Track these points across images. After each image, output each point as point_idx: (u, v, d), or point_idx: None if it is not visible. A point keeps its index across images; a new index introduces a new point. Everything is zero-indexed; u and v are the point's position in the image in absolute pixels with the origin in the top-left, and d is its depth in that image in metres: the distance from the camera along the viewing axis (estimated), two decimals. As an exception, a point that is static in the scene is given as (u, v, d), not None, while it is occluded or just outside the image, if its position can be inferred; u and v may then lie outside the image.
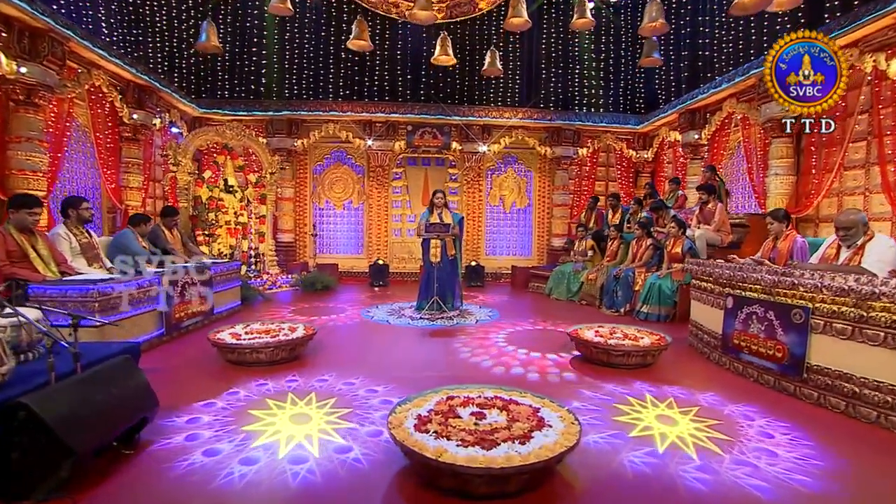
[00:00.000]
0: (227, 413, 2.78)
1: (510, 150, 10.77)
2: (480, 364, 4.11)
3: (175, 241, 5.84)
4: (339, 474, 2.13)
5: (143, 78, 7.53)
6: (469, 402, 2.30)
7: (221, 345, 3.75)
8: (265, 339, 3.91)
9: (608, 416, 2.83)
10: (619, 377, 3.62)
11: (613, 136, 10.81)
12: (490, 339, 5.05)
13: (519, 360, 4.20)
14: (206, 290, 5.38)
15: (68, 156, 7.02)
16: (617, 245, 7.70)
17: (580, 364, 4.05)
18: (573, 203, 11.02)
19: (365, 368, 3.83)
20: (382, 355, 4.38)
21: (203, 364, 3.90)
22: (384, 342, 4.87)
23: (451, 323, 5.85)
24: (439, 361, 4.19)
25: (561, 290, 8.20)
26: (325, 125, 9.83)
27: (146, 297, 4.19)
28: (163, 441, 2.40)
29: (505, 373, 3.85)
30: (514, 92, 10.94)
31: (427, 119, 10.08)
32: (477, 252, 10.74)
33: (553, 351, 4.50)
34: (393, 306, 7.01)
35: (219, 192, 8.18)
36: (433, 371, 3.86)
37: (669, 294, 6.07)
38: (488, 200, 11.01)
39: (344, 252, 10.66)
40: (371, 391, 3.27)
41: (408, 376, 3.65)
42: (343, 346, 4.60)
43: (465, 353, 4.42)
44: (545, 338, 5.16)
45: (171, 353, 4.26)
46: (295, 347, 3.92)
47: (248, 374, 3.59)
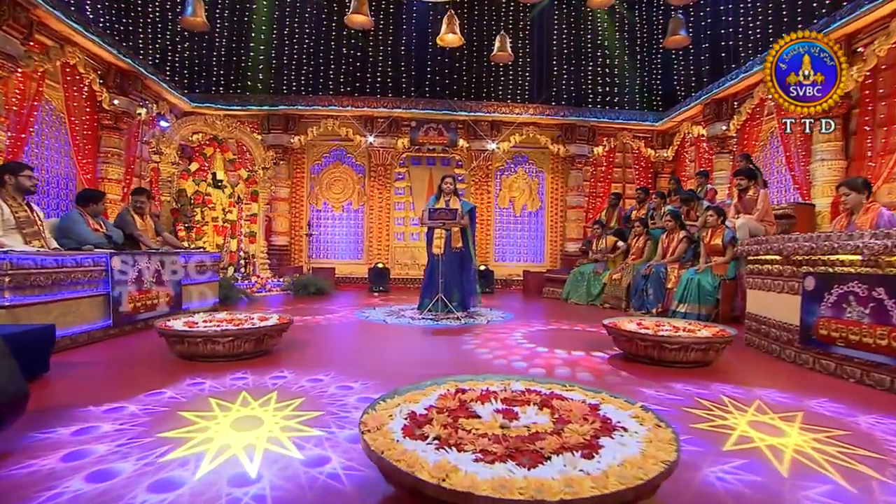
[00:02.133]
0: (140, 420, 1.98)
1: (521, 148, 10.09)
2: (496, 361, 3.31)
3: (147, 229, 5.12)
4: (304, 499, 1.35)
5: (126, 61, 6.95)
6: (490, 396, 1.51)
7: (168, 333, 2.99)
8: (224, 326, 3.13)
9: (682, 421, 2.02)
10: (675, 376, 2.81)
11: (630, 133, 10.12)
12: (506, 336, 4.25)
13: (543, 357, 3.39)
14: (171, 279, 4.65)
15: (39, 141, 6.41)
16: (643, 241, 6.92)
17: (623, 363, 3.24)
18: (588, 205, 10.27)
19: (344, 364, 3.05)
20: (371, 352, 3.60)
21: (145, 360, 3.14)
22: (376, 339, 4.09)
23: (459, 323, 5.05)
24: (443, 358, 3.40)
25: (580, 294, 7.39)
26: (323, 121, 9.22)
27: (87, 279, 3.45)
28: (26, 462, 1.60)
29: (529, 370, 3.05)
30: (525, 87, 10.33)
31: (432, 115, 9.45)
32: (486, 257, 9.97)
33: (585, 350, 3.70)
34: (392, 308, 6.23)
35: (206, 186, 7.52)
36: (435, 368, 3.08)
37: (710, 291, 5.25)
38: (497, 203, 10.28)
39: (342, 257, 9.91)
40: (345, 388, 2.48)
41: (399, 372, 2.87)
42: (325, 342, 3.83)
43: (478, 350, 3.62)
44: (573, 337, 4.36)
45: (114, 348, 3.49)
46: (262, 339, 3.14)
47: (196, 371, 2.80)
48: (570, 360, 3.37)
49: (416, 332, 4.52)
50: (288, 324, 3.38)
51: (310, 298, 7.31)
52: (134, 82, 7.25)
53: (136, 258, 4.12)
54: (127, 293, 3.94)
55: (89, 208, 4.56)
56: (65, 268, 3.21)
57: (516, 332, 4.56)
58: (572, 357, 3.45)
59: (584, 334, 4.45)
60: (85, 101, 6.79)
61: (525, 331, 4.60)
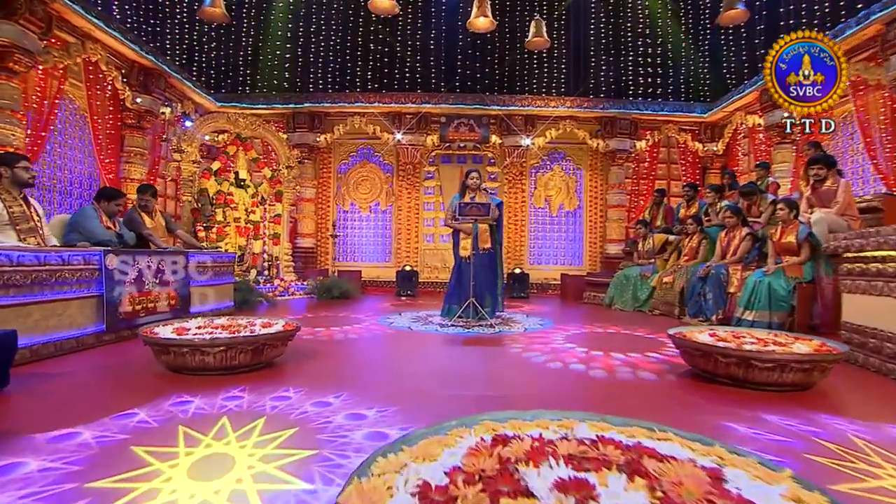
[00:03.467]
0: (82, 456, 1.54)
1: (557, 144, 9.48)
2: (537, 368, 2.77)
3: (156, 227, 4.83)
4: None
5: (149, 58, 6.78)
6: (546, 449, 0.99)
7: (152, 341, 2.59)
8: (217, 334, 2.72)
9: (814, 476, 1.43)
10: (768, 404, 2.20)
11: (676, 126, 9.35)
12: (550, 343, 3.69)
13: (595, 363, 2.82)
14: (178, 280, 4.31)
15: (62, 140, 6.29)
16: (698, 241, 6.20)
17: (695, 383, 2.64)
18: (630, 204, 9.55)
19: (357, 382, 2.58)
20: (393, 366, 3.11)
21: (133, 371, 2.75)
22: (399, 350, 3.60)
23: (493, 331, 4.52)
24: (477, 373, 2.88)
25: (626, 299, 6.72)
26: (350, 118, 8.88)
27: (75, 279, 3.12)
28: None
29: (581, 384, 2.50)
30: (561, 79, 9.73)
31: (463, 109, 8.97)
32: (520, 260, 9.39)
33: (650, 362, 3.11)
34: (419, 314, 5.75)
35: (228, 185, 7.27)
36: (468, 386, 2.57)
37: (784, 295, 4.52)
38: (532, 202, 9.69)
39: (369, 259, 9.53)
40: (356, 417, 1.98)
41: (425, 393, 2.37)
42: (341, 353, 3.37)
43: (516, 356, 3.09)
44: (627, 341, 3.77)
45: (104, 356, 3.13)
46: (261, 349, 2.70)
47: (183, 387, 2.38)
48: (626, 369, 2.79)
49: (445, 342, 4.01)
50: (293, 331, 2.94)
51: (333, 302, 6.92)
52: (157, 80, 7.08)
53: (136, 257, 3.79)
54: (125, 294, 3.60)
55: (104, 205, 4.28)
56: (48, 266, 2.87)
57: (557, 336, 3.99)
58: (630, 365, 2.86)
59: (639, 340, 3.84)
60: (108, 100, 6.64)
61: (570, 333, 4.03)
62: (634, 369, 3.04)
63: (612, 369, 3.05)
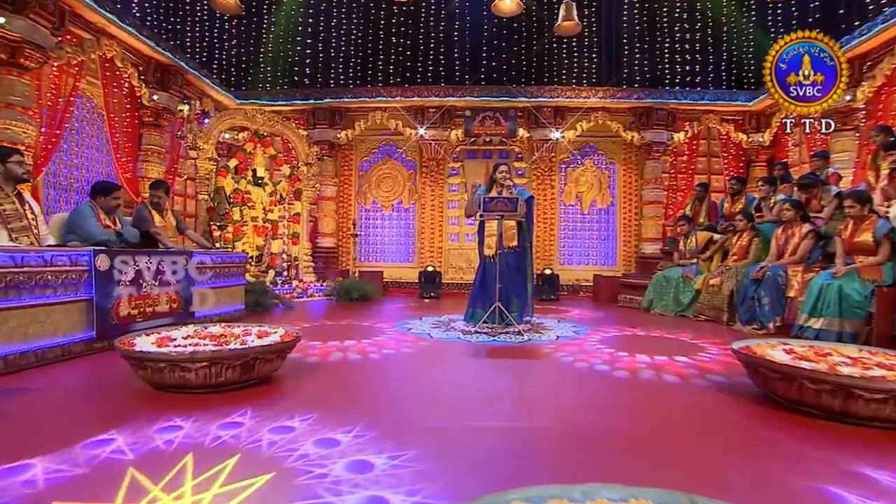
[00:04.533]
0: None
1: (589, 137, 8.94)
2: (574, 388, 2.35)
3: (166, 226, 4.60)
4: None
5: (165, 54, 6.63)
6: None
7: (127, 354, 2.29)
8: (202, 346, 2.41)
9: None
10: (876, 447, 1.72)
11: (717, 116, 8.68)
12: (584, 352, 3.26)
13: (643, 381, 2.38)
14: (180, 281, 4.05)
15: (79, 139, 6.18)
16: (748, 239, 5.61)
17: (769, 412, 2.17)
18: (668, 200, 8.94)
19: (370, 409, 2.22)
20: (405, 386, 2.73)
21: (118, 387, 2.46)
22: (414, 364, 3.21)
23: (521, 339, 4.09)
24: (502, 393, 2.48)
25: (666, 303, 6.17)
26: (371, 114, 8.57)
27: (59, 282, 2.86)
28: None
29: (628, 412, 2.07)
30: (593, 68, 9.18)
31: (489, 102, 8.54)
32: (550, 260, 8.89)
33: (698, 372, 2.64)
34: (441, 318, 5.37)
35: (246, 183, 7.06)
36: (490, 412, 2.17)
37: (859, 301, 3.94)
38: (562, 199, 9.18)
39: (391, 260, 9.21)
40: (359, 466, 1.56)
41: (440, 427, 1.99)
42: (350, 369, 3.01)
43: (549, 372, 2.67)
44: (673, 350, 3.29)
45: (90, 367, 2.86)
46: (253, 363, 2.37)
47: (163, 408, 2.08)
48: (687, 393, 2.34)
49: (467, 353, 3.62)
50: (291, 343, 2.60)
51: (353, 305, 6.62)
52: (174, 77, 6.93)
53: (133, 257, 3.54)
54: (119, 298, 3.34)
55: (100, 201, 4.06)
56: (27, 267, 2.62)
57: (593, 345, 3.54)
58: (685, 378, 2.40)
59: (693, 347, 3.35)
60: (125, 98, 6.52)
61: (604, 344, 3.57)
62: (691, 391, 2.58)
63: (664, 390, 2.60)
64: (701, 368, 3.04)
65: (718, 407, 2.35)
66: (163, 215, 4.65)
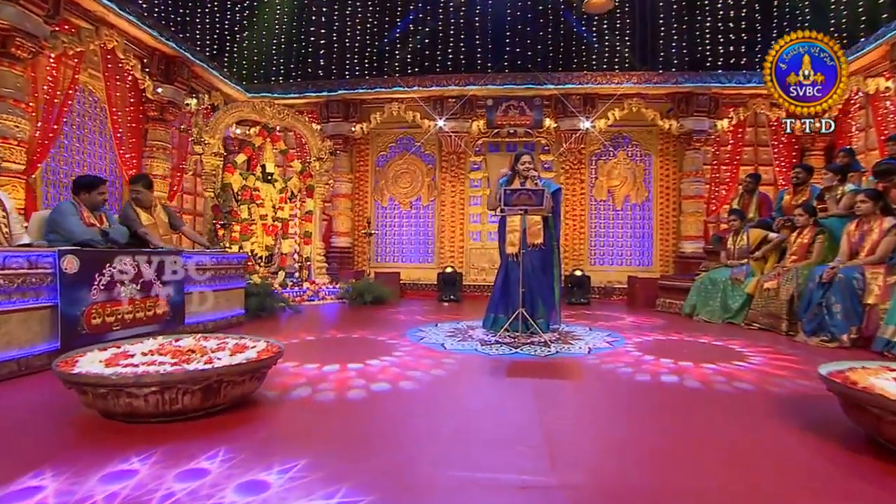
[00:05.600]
0: None
1: (622, 126, 8.26)
2: (613, 418, 1.80)
3: (156, 223, 4.22)
4: None
5: (170, 45, 6.32)
6: None
7: (63, 376, 1.88)
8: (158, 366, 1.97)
9: None
10: None
11: (766, 100, 7.83)
12: (621, 368, 2.68)
13: (699, 404, 1.81)
14: (169, 284, 3.66)
15: (81, 134, 5.93)
16: (811, 236, 4.88)
17: (882, 456, 1.58)
18: (710, 195, 8.17)
19: (367, 459, 1.72)
20: (406, 421, 2.21)
21: (71, 410, 2.05)
22: (421, 390, 2.69)
23: (548, 352, 3.53)
24: (522, 428, 1.95)
25: (712, 309, 5.48)
26: (387, 105, 8.11)
27: (14, 287, 2.49)
28: None
29: (688, 450, 1.51)
30: (625, 51, 8.49)
31: (512, 90, 7.97)
32: (579, 260, 8.25)
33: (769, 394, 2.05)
34: (458, 325, 4.85)
35: (254, 180, 6.69)
36: (507, 457, 1.65)
37: (965, 311, 3.22)
38: (593, 194, 8.52)
39: (409, 260, 8.73)
40: None
41: (443, 487, 1.48)
42: (347, 392, 2.51)
43: (582, 395, 2.12)
44: (733, 365, 2.68)
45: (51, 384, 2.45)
46: (217, 387, 1.93)
47: (110, 444, 1.67)
48: (769, 429, 1.75)
49: (483, 370, 3.08)
50: (269, 360, 2.14)
51: (365, 309, 6.17)
52: (180, 69, 6.63)
53: (111, 258, 3.15)
54: (91, 305, 2.96)
55: (84, 198, 3.70)
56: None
57: (633, 359, 2.95)
58: (758, 402, 1.82)
59: (752, 358, 2.73)
60: (128, 91, 6.24)
61: (645, 357, 2.97)
62: (770, 426, 1.98)
63: (733, 424, 2.01)
64: (776, 396, 2.43)
65: (819, 451, 1.75)
66: (151, 212, 4.27)
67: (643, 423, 2.14)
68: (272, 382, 2.47)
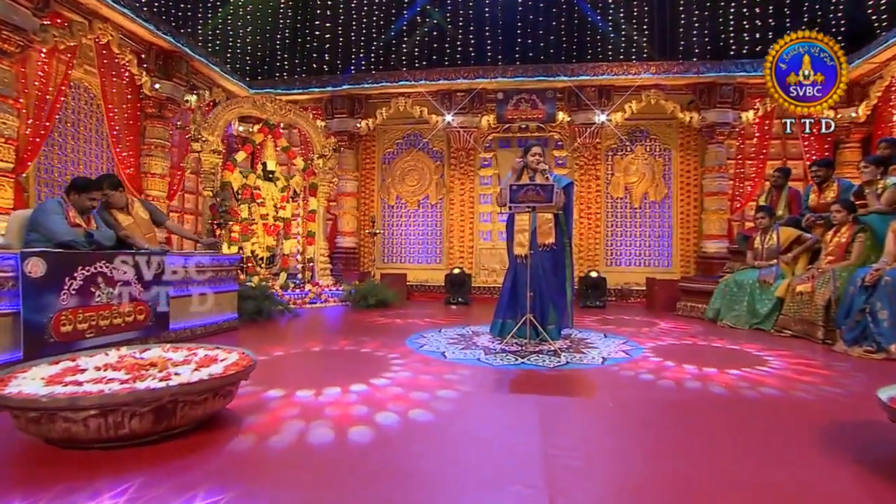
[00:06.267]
0: None
1: (639, 120, 7.85)
2: (628, 447, 1.47)
3: (137, 223, 3.98)
4: None
5: (167, 39, 6.13)
6: None
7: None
8: (106, 383, 1.73)
9: None
10: None
11: (797, 91, 7.36)
12: (641, 382, 2.34)
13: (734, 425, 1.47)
14: (152, 287, 3.43)
15: (75, 132, 5.76)
16: (849, 234, 4.45)
17: None
18: (734, 191, 7.72)
19: (320, 497, 1.43)
20: (389, 450, 1.91)
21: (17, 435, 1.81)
22: (405, 420, 2.38)
23: (557, 362, 3.20)
24: (521, 471, 1.63)
25: (738, 314, 5.08)
26: (393, 100, 7.83)
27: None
28: None
29: None
30: (643, 40, 8.07)
31: (523, 83, 7.62)
32: (594, 261, 7.86)
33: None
34: (463, 330, 4.53)
35: (255, 178, 6.47)
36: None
37: None
38: (609, 191, 8.13)
39: (416, 261, 8.44)
40: None
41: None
42: (311, 421, 2.22)
43: (593, 417, 1.79)
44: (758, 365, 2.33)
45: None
46: (172, 408, 1.69)
47: (42, 478, 1.41)
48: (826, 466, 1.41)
49: (484, 384, 2.77)
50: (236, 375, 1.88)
51: (368, 312, 5.89)
52: (179, 65, 6.43)
53: (84, 259, 2.92)
54: (60, 311, 2.74)
55: (73, 199, 3.49)
56: None
57: (651, 371, 2.61)
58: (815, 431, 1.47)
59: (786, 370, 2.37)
60: (125, 88, 6.06)
61: (664, 367, 2.62)
62: (821, 455, 1.63)
63: (769, 442, 1.67)
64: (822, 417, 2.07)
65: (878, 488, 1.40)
66: (128, 211, 4.02)
67: (663, 455, 1.80)
68: (241, 402, 2.19)
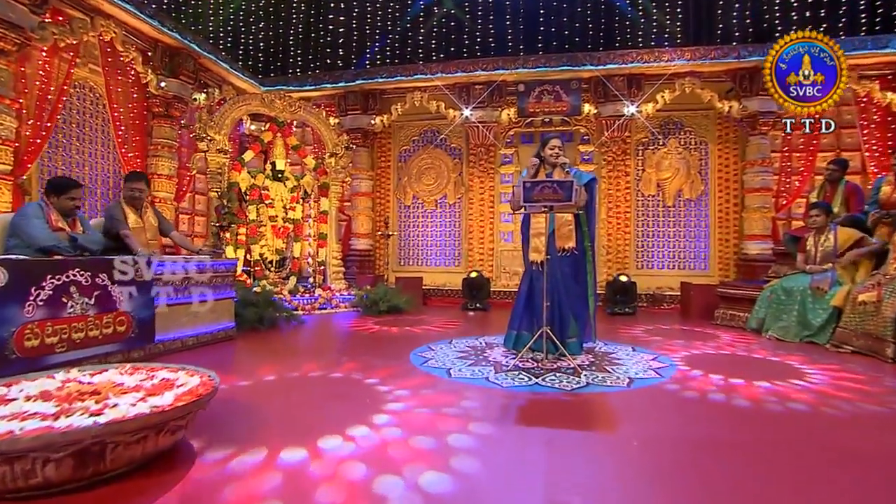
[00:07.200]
0: None
1: (672, 111, 7.28)
2: None
3: (145, 227, 3.76)
4: None
5: (173, 36, 5.94)
6: None
7: None
8: (23, 420, 1.44)
9: None
10: None
11: (853, 72, 6.61)
12: (676, 417, 1.90)
13: None
14: (135, 296, 3.17)
15: (80, 133, 5.63)
16: (925, 236, 3.84)
17: None
18: (780, 187, 7.06)
19: None
20: None
21: None
22: (396, 455, 2.00)
23: (576, 383, 2.77)
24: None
25: (787, 325, 4.51)
26: (409, 95, 7.48)
27: None
28: None
29: None
30: (677, 24, 7.48)
31: (546, 74, 7.14)
32: (623, 263, 7.33)
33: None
34: (476, 342, 4.14)
35: (263, 178, 6.24)
36: None
37: None
38: (640, 188, 7.57)
39: (433, 263, 8.07)
40: None
41: None
42: (310, 487, 1.86)
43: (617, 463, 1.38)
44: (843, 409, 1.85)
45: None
46: (100, 450, 1.39)
47: None
48: None
49: (487, 412, 2.36)
50: (186, 407, 1.56)
51: (380, 319, 5.56)
52: (186, 62, 6.25)
53: (56, 267, 2.68)
54: (25, 323, 2.50)
55: (53, 201, 3.29)
56: None
57: (688, 397, 2.15)
58: None
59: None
60: (131, 86, 5.90)
61: (705, 392, 2.16)
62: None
63: None
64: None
65: None
66: (141, 214, 3.82)
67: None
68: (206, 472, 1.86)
